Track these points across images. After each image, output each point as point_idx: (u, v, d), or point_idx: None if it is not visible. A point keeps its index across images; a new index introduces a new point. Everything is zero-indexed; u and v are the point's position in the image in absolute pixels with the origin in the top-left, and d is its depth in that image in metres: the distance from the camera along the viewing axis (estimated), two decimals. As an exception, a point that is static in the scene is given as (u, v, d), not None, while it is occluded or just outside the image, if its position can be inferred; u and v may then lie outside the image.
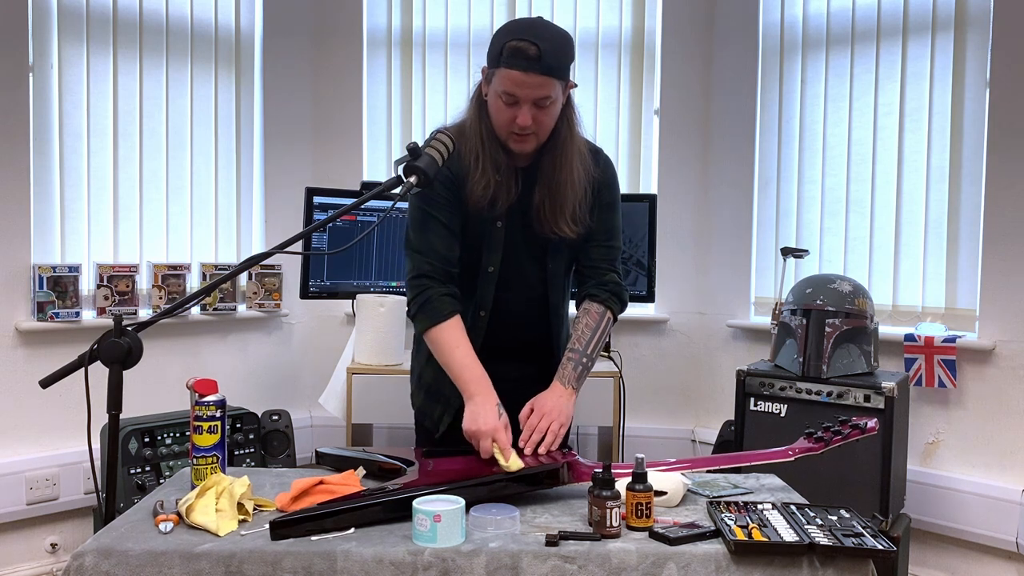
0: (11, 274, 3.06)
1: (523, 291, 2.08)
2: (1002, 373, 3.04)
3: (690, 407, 3.84)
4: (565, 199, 1.99)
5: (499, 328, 2.08)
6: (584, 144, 2.04)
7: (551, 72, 1.87)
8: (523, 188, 2.01)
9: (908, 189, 3.28)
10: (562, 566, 1.47)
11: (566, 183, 1.98)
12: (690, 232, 3.80)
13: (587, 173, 2.02)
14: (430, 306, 1.97)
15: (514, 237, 2.04)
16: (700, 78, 3.77)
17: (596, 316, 2.05)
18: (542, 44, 1.85)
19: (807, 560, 1.48)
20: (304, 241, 3.22)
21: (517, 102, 1.89)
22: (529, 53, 1.84)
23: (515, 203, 2.01)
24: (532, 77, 1.86)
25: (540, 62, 1.85)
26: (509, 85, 1.88)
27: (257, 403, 3.43)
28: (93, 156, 3.27)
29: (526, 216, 2.02)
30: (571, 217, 2.00)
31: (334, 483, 1.73)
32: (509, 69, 1.86)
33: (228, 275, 1.76)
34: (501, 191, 1.97)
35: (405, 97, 3.87)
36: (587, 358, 2.01)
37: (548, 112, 1.92)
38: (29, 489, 3.06)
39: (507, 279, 2.06)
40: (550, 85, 1.89)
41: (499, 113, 1.93)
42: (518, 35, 1.87)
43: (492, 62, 1.92)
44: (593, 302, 2.07)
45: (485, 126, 1.97)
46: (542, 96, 1.89)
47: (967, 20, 3.13)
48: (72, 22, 3.19)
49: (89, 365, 1.58)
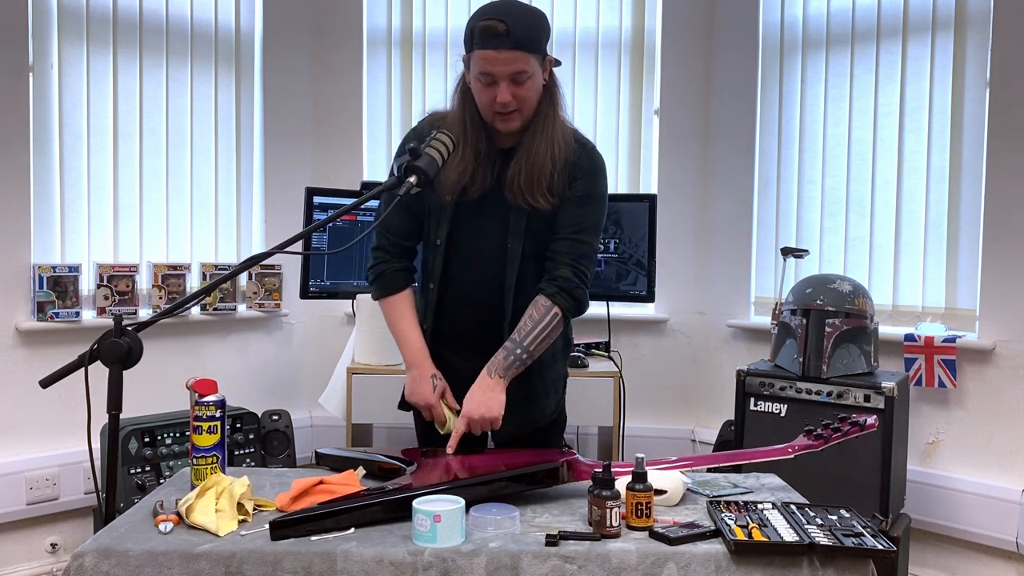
0: (11, 274, 3.06)
1: (478, 269, 2.07)
2: (1002, 373, 3.04)
3: (690, 407, 3.84)
4: (543, 171, 1.99)
5: (450, 302, 2.10)
6: (569, 129, 2.06)
7: (521, 46, 1.91)
8: (499, 169, 2.03)
9: (908, 189, 3.28)
10: (562, 566, 1.47)
11: (545, 155, 1.99)
12: (690, 232, 3.80)
13: (568, 150, 2.02)
14: (383, 279, 2.13)
15: (467, 212, 2.05)
16: (700, 78, 3.77)
17: (541, 310, 2.00)
18: (509, 20, 1.90)
19: (807, 560, 1.48)
20: (304, 241, 3.22)
21: (495, 81, 1.93)
22: (498, 30, 1.89)
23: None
24: (503, 53, 1.90)
25: (509, 37, 1.89)
26: (484, 64, 1.93)
27: (257, 403, 3.43)
28: (93, 156, 3.27)
29: (488, 194, 2.03)
30: (547, 188, 2.00)
31: (334, 483, 1.74)
32: (481, 49, 1.92)
33: (228, 275, 1.76)
34: (476, 178, 2.01)
35: (405, 97, 3.87)
36: (523, 350, 1.98)
37: (527, 87, 1.96)
38: (29, 489, 3.06)
39: (459, 254, 2.08)
40: (523, 59, 1.92)
41: (480, 95, 1.97)
42: (486, 15, 1.92)
43: (467, 47, 1.98)
44: (542, 295, 2.02)
45: (470, 113, 2.02)
46: (517, 71, 1.92)
47: (967, 20, 3.13)
48: (72, 22, 3.19)
49: (89, 365, 1.58)
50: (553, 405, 2.17)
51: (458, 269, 2.09)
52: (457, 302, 2.11)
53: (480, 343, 2.08)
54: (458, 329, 2.12)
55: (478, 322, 2.11)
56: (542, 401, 2.13)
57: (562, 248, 2.05)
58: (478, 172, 2.01)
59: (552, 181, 2.00)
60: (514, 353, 1.98)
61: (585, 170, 2.05)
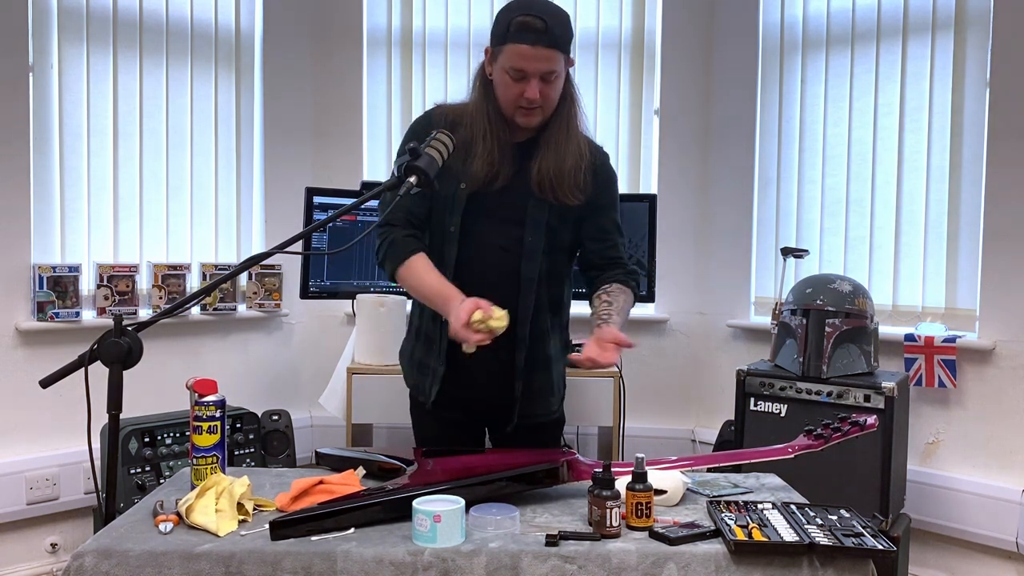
0: (11, 274, 3.06)
1: (493, 259, 2.07)
2: (1002, 373, 3.04)
3: (690, 407, 3.84)
4: (575, 168, 2.03)
5: (464, 292, 2.07)
6: (584, 126, 2.10)
7: (557, 45, 1.93)
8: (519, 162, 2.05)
9: (908, 189, 3.28)
10: (562, 566, 1.47)
11: (576, 153, 2.03)
12: (690, 232, 3.80)
13: (588, 149, 2.07)
14: (394, 248, 2.04)
15: (481, 201, 2.04)
16: (700, 78, 3.77)
17: (615, 291, 2.08)
18: (548, 18, 1.92)
19: (807, 560, 1.48)
20: (304, 241, 3.22)
21: (525, 76, 1.94)
22: (536, 27, 1.90)
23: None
24: (540, 51, 1.91)
25: (547, 34, 1.91)
26: (517, 60, 1.93)
27: (257, 403, 3.43)
28: (93, 156, 3.27)
29: (506, 185, 2.03)
30: (576, 185, 2.04)
31: (334, 483, 1.74)
32: (517, 44, 1.92)
33: (228, 275, 1.76)
34: (503, 168, 2.02)
35: (405, 97, 3.87)
36: (618, 315, 2.02)
37: (553, 86, 1.98)
38: (29, 489, 3.06)
39: (473, 242, 2.07)
40: (556, 58, 1.94)
41: (507, 88, 1.97)
42: (524, 11, 1.92)
43: (498, 39, 1.97)
44: (612, 283, 2.10)
45: (492, 106, 2.02)
46: (548, 70, 1.94)
47: (967, 20, 3.13)
48: (72, 22, 3.19)
49: (89, 365, 1.58)
50: (558, 402, 2.20)
51: (472, 259, 2.08)
52: (471, 293, 2.10)
53: (497, 339, 2.08)
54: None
55: None
56: (550, 397, 2.16)
57: (619, 252, 2.15)
58: (504, 163, 2.02)
59: (582, 177, 2.04)
60: (614, 322, 1.98)
61: (606, 176, 2.13)
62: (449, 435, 2.14)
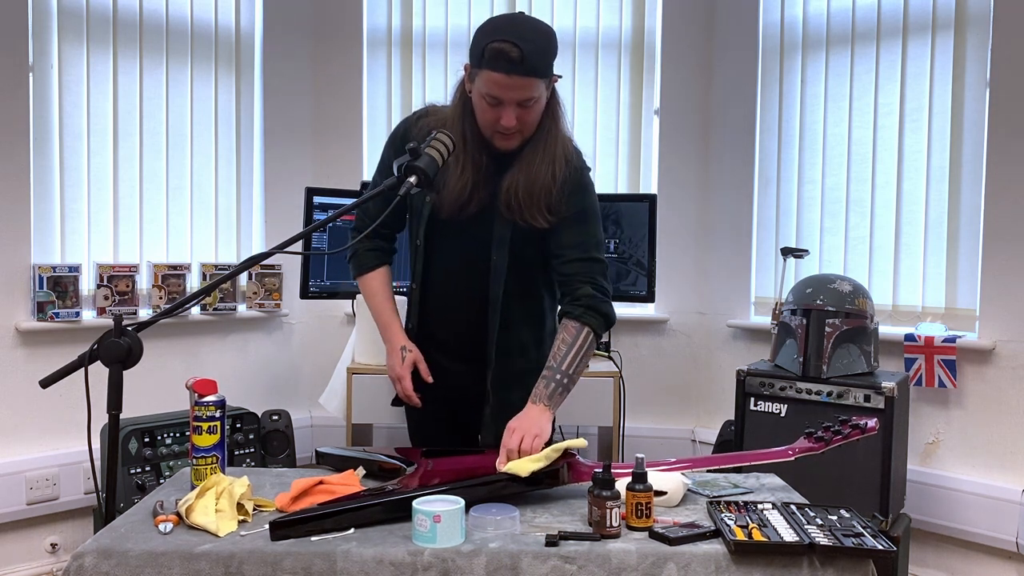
0: (11, 274, 3.06)
1: (459, 277, 2.05)
2: (1002, 373, 3.04)
3: (690, 407, 3.84)
4: (544, 189, 1.95)
5: (434, 308, 2.09)
6: (568, 141, 2.02)
7: (534, 73, 1.85)
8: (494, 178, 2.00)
9: (908, 189, 3.28)
10: (562, 566, 1.47)
11: (547, 173, 1.95)
12: (690, 232, 3.80)
13: (564, 167, 1.99)
14: (356, 259, 2.18)
15: (446, 217, 2.01)
16: (700, 78, 3.77)
17: (572, 332, 1.97)
18: (524, 45, 1.82)
19: (807, 560, 1.48)
20: (304, 241, 3.22)
21: (501, 103, 1.87)
22: (511, 56, 1.81)
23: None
24: (515, 79, 1.84)
25: (523, 64, 1.82)
26: (492, 87, 1.86)
27: (257, 403, 3.43)
28: (93, 156, 3.27)
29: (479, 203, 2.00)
30: (547, 207, 1.96)
31: (334, 483, 1.74)
32: (491, 71, 1.84)
33: (228, 275, 1.76)
34: (477, 191, 1.97)
35: (405, 97, 3.87)
36: (562, 375, 1.92)
37: (532, 111, 1.91)
38: (29, 489, 3.06)
39: (441, 257, 2.05)
40: (533, 85, 1.87)
41: (483, 113, 1.92)
42: (500, 36, 1.83)
43: (474, 62, 1.90)
44: (568, 319, 1.99)
45: (468, 124, 1.96)
46: (525, 98, 1.87)
47: (967, 20, 3.13)
48: (72, 22, 3.19)
49: (89, 365, 1.58)
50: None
51: (440, 275, 2.07)
52: (440, 311, 2.10)
53: (467, 354, 2.09)
54: (442, 337, 2.12)
55: (458, 334, 2.11)
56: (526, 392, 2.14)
57: (575, 269, 2.01)
58: (476, 192, 1.97)
59: (551, 199, 1.96)
60: (554, 380, 1.92)
61: (573, 187, 2.00)
62: (439, 428, 2.18)
